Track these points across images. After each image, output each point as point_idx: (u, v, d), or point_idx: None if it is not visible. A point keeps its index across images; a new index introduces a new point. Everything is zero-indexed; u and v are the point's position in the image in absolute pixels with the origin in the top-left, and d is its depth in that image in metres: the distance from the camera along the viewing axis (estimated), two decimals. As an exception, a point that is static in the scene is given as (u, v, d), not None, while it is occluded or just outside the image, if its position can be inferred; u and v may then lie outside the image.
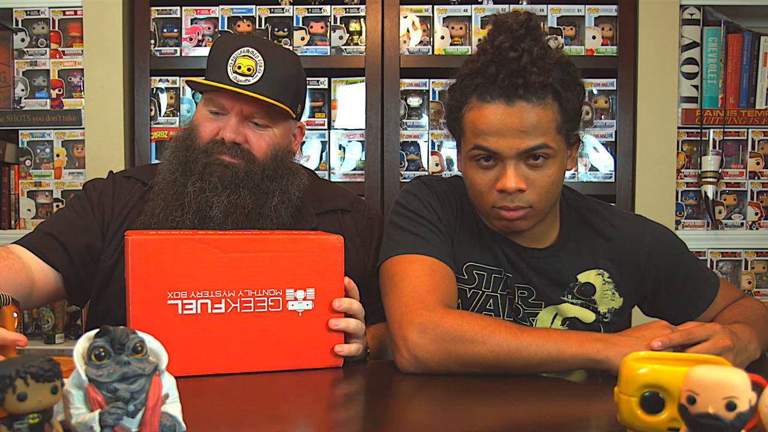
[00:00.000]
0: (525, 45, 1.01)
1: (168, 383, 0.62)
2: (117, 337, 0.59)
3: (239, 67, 1.15)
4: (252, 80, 1.15)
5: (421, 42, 1.91)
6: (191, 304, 0.92)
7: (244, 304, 0.95)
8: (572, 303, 1.16)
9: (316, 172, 1.57)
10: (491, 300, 1.15)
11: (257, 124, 1.19)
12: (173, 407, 0.62)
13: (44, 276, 1.16)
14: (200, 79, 1.18)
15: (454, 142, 1.16)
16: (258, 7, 1.91)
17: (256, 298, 0.95)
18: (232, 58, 1.16)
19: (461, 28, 1.90)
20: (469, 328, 0.96)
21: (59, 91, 1.92)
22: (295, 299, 0.97)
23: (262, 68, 1.16)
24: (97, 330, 0.60)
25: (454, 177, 1.22)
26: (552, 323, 1.16)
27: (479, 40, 1.16)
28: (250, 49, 1.17)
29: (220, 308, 0.93)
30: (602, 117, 1.90)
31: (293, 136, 1.28)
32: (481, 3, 1.91)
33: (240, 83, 1.15)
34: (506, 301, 1.15)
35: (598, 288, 1.16)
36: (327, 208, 1.30)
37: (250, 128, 1.19)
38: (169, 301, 0.92)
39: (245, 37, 1.27)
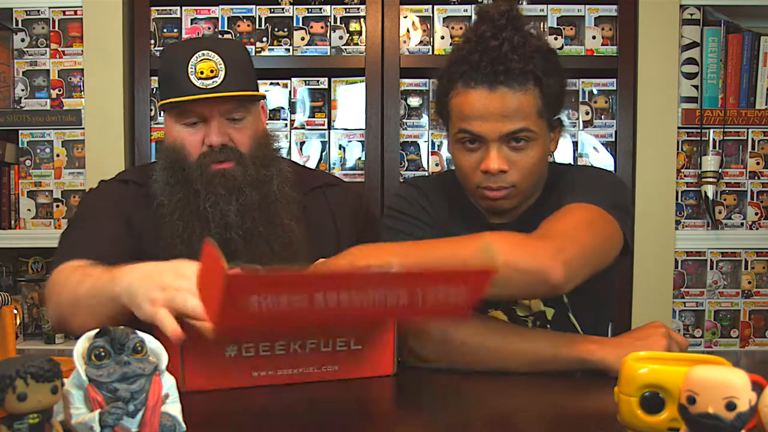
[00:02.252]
0: (506, 34, 1.06)
1: (168, 383, 0.62)
2: (117, 337, 0.59)
3: (201, 72, 1.16)
4: (218, 80, 1.16)
5: (421, 42, 1.91)
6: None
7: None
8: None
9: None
10: None
11: (235, 119, 1.20)
12: (173, 407, 0.62)
13: None
14: (176, 99, 1.17)
15: (447, 144, 1.19)
16: (258, 7, 1.90)
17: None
18: (190, 66, 1.16)
19: (461, 28, 1.90)
20: (466, 327, 0.98)
21: (59, 91, 1.92)
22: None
23: (223, 65, 1.17)
24: (97, 330, 0.60)
25: (445, 172, 1.26)
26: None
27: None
28: (205, 52, 1.17)
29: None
30: (602, 117, 1.90)
31: (263, 122, 1.32)
32: (481, 3, 1.91)
33: (209, 87, 1.16)
34: None
35: None
36: (312, 186, 1.34)
37: (230, 126, 1.20)
38: None
39: (193, 41, 1.28)
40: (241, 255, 1.17)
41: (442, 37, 1.90)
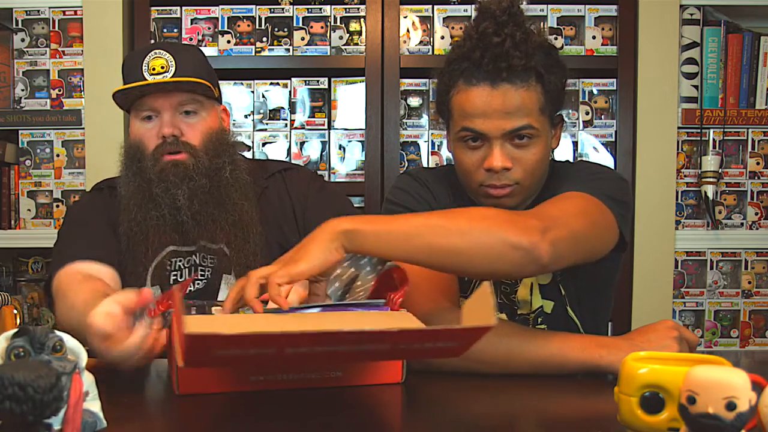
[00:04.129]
0: (508, 30, 1.05)
1: (88, 381, 0.62)
2: (36, 336, 0.59)
3: (153, 69, 1.23)
4: (168, 75, 1.23)
5: (421, 42, 1.91)
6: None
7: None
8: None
9: (317, 172, 1.60)
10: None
11: (188, 112, 1.26)
12: (94, 404, 0.63)
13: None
14: (126, 86, 1.24)
15: (446, 142, 1.19)
16: (258, 7, 1.91)
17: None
18: (144, 64, 1.24)
19: (461, 28, 1.90)
20: None
21: (59, 91, 1.92)
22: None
23: (173, 62, 1.24)
24: (15, 330, 0.60)
25: (445, 166, 1.25)
26: (531, 293, 1.16)
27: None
28: (157, 51, 1.25)
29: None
30: (602, 117, 1.90)
31: (221, 119, 1.36)
32: (481, 1, 1.91)
33: (158, 81, 1.23)
34: (498, 283, 1.17)
35: None
36: (272, 171, 1.40)
37: (183, 120, 1.26)
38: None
39: (149, 45, 1.38)
40: (192, 234, 1.25)
41: (442, 37, 1.90)
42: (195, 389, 0.84)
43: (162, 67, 1.23)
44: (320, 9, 1.90)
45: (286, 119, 1.92)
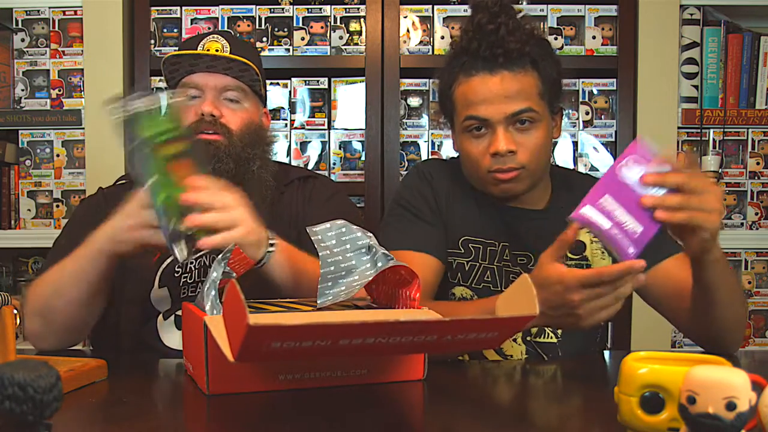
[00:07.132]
0: (501, 19, 1.12)
1: None
2: None
3: (208, 50, 1.24)
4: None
5: (421, 42, 1.91)
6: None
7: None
8: (567, 264, 1.16)
9: (316, 172, 1.59)
10: (488, 272, 1.19)
11: (231, 100, 1.25)
12: None
13: None
14: (181, 51, 1.24)
15: (452, 142, 1.24)
16: (258, 7, 1.91)
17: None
18: (200, 45, 1.25)
19: (461, 28, 1.90)
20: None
21: (59, 91, 1.92)
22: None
23: (228, 47, 1.25)
24: None
25: (455, 158, 1.28)
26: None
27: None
28: (215, 36, 1.26)
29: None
30: (602, 117, 1.90)
31: (262, 120, 1.33)
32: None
33: (214, 54, 1.23)
34: (502, 273, 1.19)
35: (587, 245, 1.22)
36: (291, 178, 1.37)
37: (225, 105, 1.24)
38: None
39: (210, 31, 1.37)
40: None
41: (442, 37, 1.90)
42: (225, 389, 0.84)
43: (217, 50, 1.23)
44: (320, 9, 1.90)
45: (286, 119, 1.92)
